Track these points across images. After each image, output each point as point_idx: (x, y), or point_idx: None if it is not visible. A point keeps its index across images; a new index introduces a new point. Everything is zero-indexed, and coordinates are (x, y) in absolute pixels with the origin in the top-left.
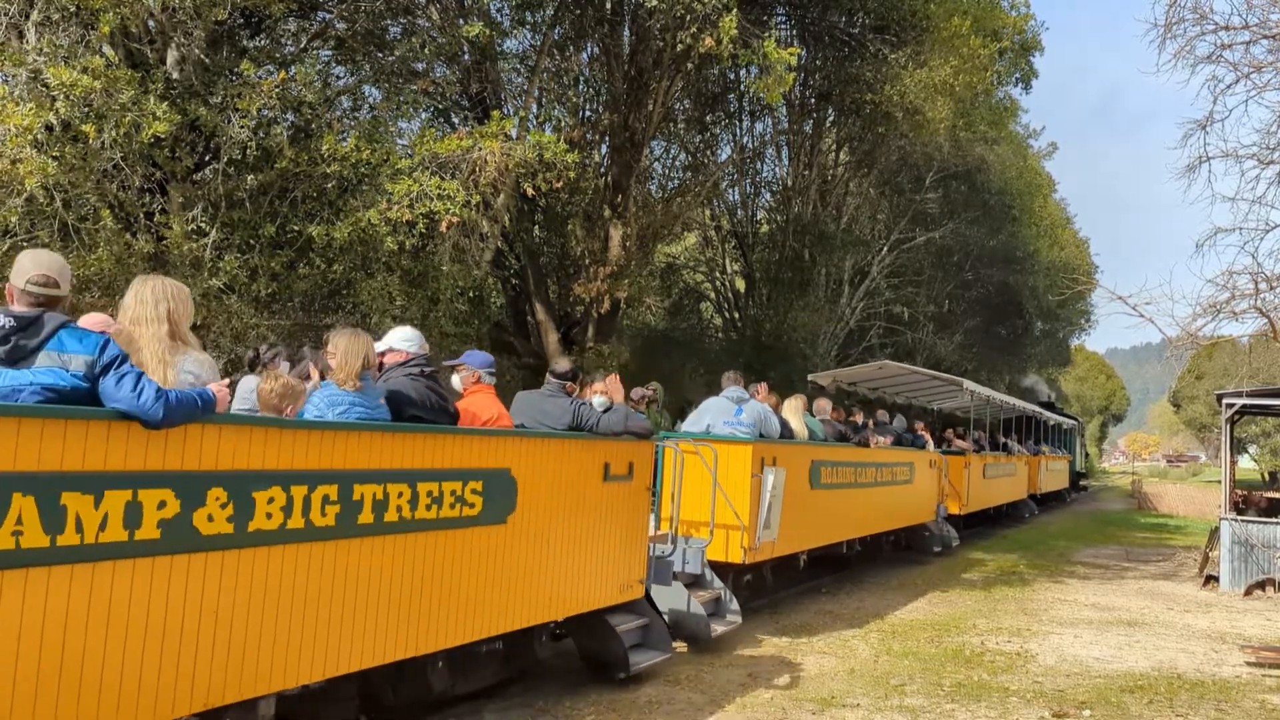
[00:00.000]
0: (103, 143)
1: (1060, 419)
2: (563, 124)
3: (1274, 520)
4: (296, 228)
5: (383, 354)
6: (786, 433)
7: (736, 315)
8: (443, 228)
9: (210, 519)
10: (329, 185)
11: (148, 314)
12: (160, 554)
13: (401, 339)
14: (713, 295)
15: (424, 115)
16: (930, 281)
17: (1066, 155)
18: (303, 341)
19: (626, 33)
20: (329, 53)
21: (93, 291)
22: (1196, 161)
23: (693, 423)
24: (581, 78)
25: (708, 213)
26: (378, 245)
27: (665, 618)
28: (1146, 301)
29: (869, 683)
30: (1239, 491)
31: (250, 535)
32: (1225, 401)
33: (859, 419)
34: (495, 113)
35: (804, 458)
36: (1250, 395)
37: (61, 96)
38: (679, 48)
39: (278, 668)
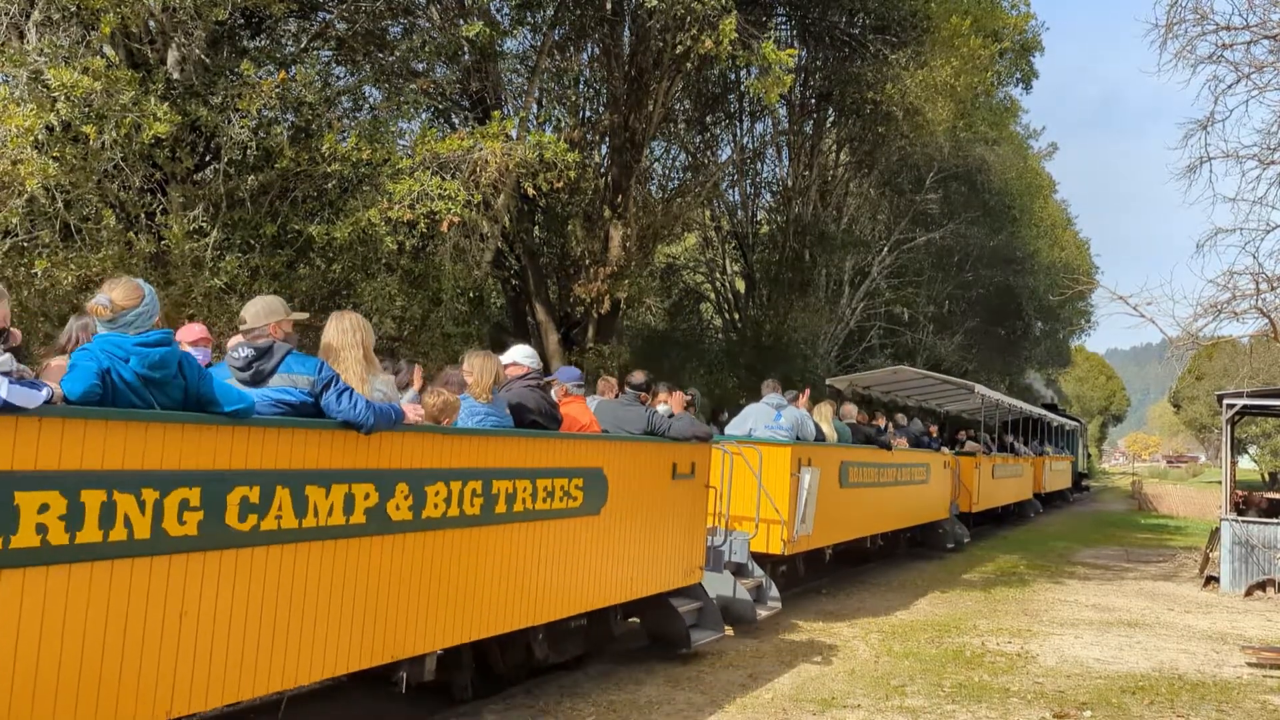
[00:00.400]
0: (103, 143)
1: (1063, 420)
2: (563, 124)
3: (1274, 521)
4: (297, 228)
5: (507, 366)
6: (818, 436)
7: (736, 316)
8: (443, 228)
9: (398, 508)
10: (329, 185)
11: (348, 341)
12: (365, 535)
13: (524, 355)
14: (713, 296)
15: (424, 115)
16: (930, 282)
17: (1067, 155)
18: (401, 356)
19: (626, 33)
20: (329, 53)
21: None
22: (1197, 162)
23: (736, 426)
24: (581, 78)
25: (708, 213)
26: (378, 245)
27: (715, 602)
28: (1147, 302)
29: (869, 683)
30: (1239, 492)
31: (424, 521)
32: (1226, 402)
33: (881, 422)
34: (495, 113)
35: (835, 458)
36: (1251, 396)
37: (62, 97)
38: (679, 49)
39: (442, 629)
